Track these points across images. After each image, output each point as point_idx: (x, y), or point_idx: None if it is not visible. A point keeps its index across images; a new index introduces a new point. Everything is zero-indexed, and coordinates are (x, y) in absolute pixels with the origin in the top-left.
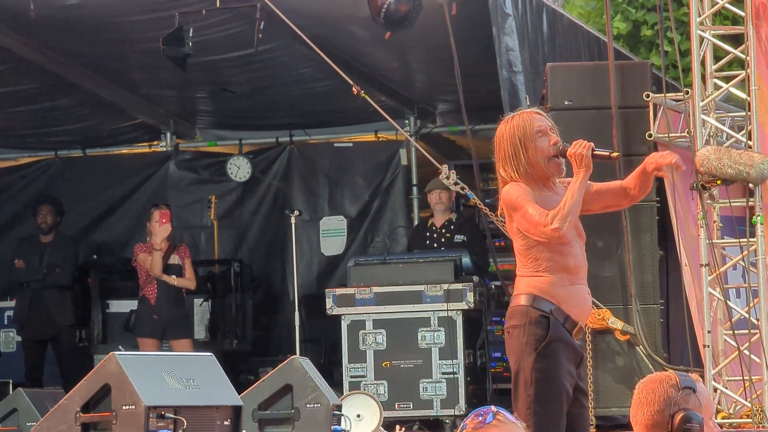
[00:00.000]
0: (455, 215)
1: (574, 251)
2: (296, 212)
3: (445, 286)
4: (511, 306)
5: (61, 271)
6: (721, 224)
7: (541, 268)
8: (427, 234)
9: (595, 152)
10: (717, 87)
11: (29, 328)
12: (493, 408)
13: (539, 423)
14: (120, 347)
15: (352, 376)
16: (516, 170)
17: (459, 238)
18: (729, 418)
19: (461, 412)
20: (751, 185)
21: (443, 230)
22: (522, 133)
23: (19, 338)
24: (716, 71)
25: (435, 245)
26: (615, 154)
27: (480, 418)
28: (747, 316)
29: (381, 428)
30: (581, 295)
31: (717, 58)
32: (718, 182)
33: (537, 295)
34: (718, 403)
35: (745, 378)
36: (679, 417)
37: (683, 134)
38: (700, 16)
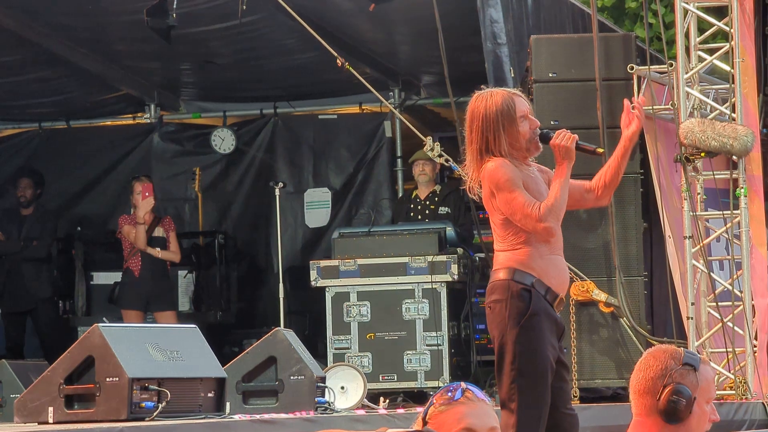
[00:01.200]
0: (439, 187)
1: None
2: (280, 184)
3: (430, 258)
4: (491, 281)
5: (38, 243)
6: (704, 196)
7: (521, 240)
8: (411, 206)
9: (579, 145)
10: (701, 59)
11: (8, 300)
12: (463, 384)
13: (524, 397)
14: (104, 319)
15: (336, 348)
16: (496, 152)
17: (443, 209)
18: None
19: (445, 384)
20: (734, 157)
21: (427, 202)
22: (506, 116)
23: None
24: (700, 43)
25: (419, 217)
26: (600, 150)
27: (448, 395)
28: (730, 288)
29: (365, 400)
30: (559, 266)
31: (701, 31)
32: (702, 154)
33: (517, 268)
34: None
35: (728, 350)
36: (668, 389)
37: (667, 106)
38: None
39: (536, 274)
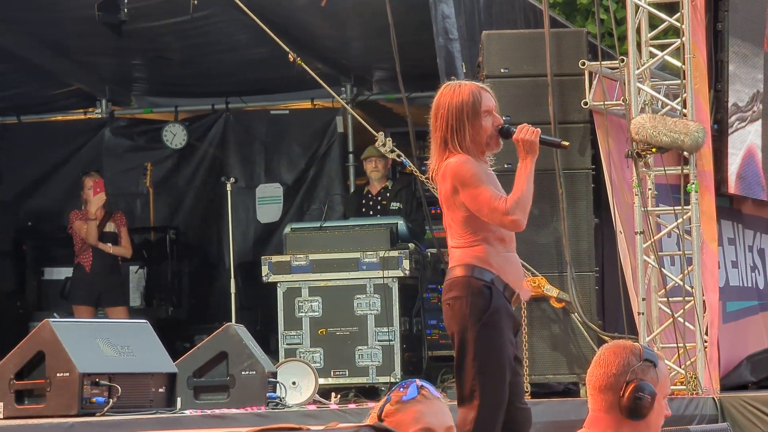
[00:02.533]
0: (391, 182)
1: None
2: (232, 179)
3: (381, 254)
4: (449, 278)
5: (0, 236)
6: (656, 192)
7: (479, 238)
8: (363, 201)
9: (543, 139)
10: (652, 55)
11: None
12: (418, 382)
13: (484, 394)
14: (55, 314)
15: (287, 344)
16: (460, 144)
17: (395, 205)
18: None
19: (397, 380)
20: (685, 153)
21: (379, 197)
22: (471, 108)
23: None
24: (651, 39)
25: (371, 212)
26: (565, 143)
27: (402, 390)
28: (681, 283)
29: (316, 395)
30: (515, 263)
31: (652, 26)
32: (653, 150)
33: (476, 265)
34: None
35: (679, 345)
36: (632, 385)
37: (618, 102)
38: None
39: (494, 270)
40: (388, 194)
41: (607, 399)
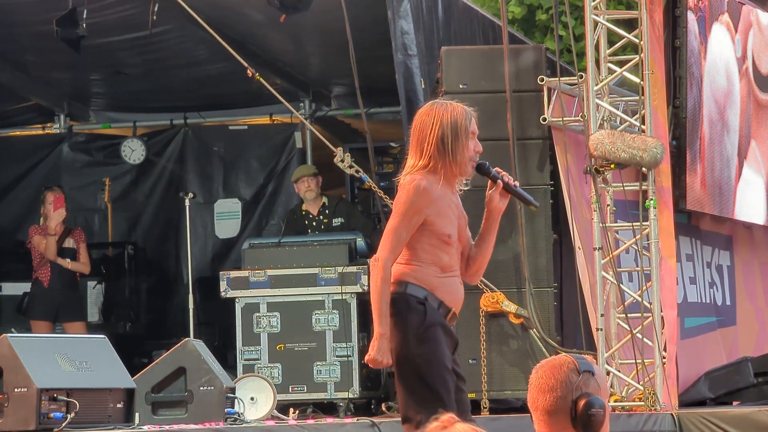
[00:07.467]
0: (326, 198)
1: (452, 251)
2: (190, 195)
3: (340, 269)
4: None
5: None
6: (614, 208)
7: (416, 258)
8: (306, 222)
9: (517, 191)
10: (611, 71)
11: None
12: None
13: (428, 408)
14: (12, 329)
15: (245, 359)
16: (451, 157)
17: (337, 221)
18: (621, 401)
19: (355, 395)
20: (644, 169)
21: (321, 216)
22: (464, 126)
23: None
24: (610, 55)
25: (317, 232)
26: (533, 206)
27: None
28: (639, 299)
29: (275, 411)
30: (453, 285)
31: (611, 43)
32: (612, 166)
33: (410, 282)
34: (611, 386)
35: (637, 361)
36: (582, 403)
37: (577, 118)
38: (594, 0)
39: (428, 288)
40: (327, 211)
41: (558, 421)
